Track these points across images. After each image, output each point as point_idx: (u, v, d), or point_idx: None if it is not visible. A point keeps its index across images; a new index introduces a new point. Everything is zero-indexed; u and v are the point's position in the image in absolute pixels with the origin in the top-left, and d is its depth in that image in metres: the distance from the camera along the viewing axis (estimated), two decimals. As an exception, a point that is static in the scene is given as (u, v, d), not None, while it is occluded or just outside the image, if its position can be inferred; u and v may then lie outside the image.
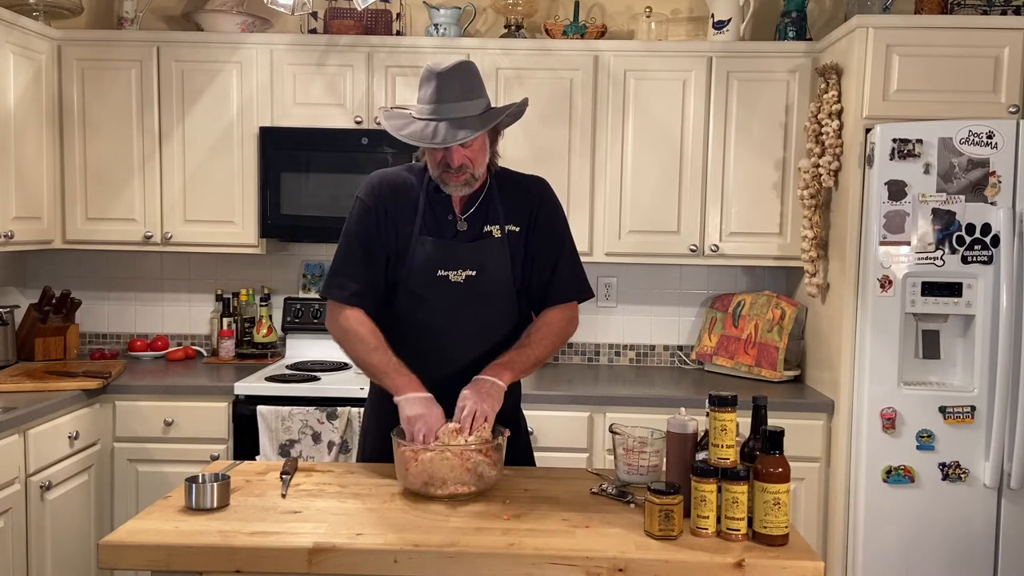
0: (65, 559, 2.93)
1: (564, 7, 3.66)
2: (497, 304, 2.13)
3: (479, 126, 1.98)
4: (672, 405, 2.18)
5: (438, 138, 1.95)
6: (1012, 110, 2.88)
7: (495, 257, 2.11)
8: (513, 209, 2.15)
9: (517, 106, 2.10)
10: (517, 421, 2.24)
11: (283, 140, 3.37)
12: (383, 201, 2.12)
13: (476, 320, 2.11)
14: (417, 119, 1.99)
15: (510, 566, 1.59)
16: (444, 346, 2.11)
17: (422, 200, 2.12)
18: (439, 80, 1.97)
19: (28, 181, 3.23)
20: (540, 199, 2.18)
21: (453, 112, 1.97)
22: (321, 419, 3.05)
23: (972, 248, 2.78)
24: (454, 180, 2.05)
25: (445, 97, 1.97)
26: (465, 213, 2.13)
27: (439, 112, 1.97)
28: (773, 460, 1.65)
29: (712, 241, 3.37)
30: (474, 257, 2.09)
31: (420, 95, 2.01)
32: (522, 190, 2.19)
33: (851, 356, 2.92)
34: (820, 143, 3.06)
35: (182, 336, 3.82)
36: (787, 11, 3.44)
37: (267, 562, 1.61)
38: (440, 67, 1.98)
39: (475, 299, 2.10)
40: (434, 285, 2.09)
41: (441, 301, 2.09)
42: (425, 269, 2.09)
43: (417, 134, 1.97)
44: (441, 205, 2.12)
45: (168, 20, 3.77)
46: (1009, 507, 2.80)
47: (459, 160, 2.01)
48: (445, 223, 2.12)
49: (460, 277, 2.09)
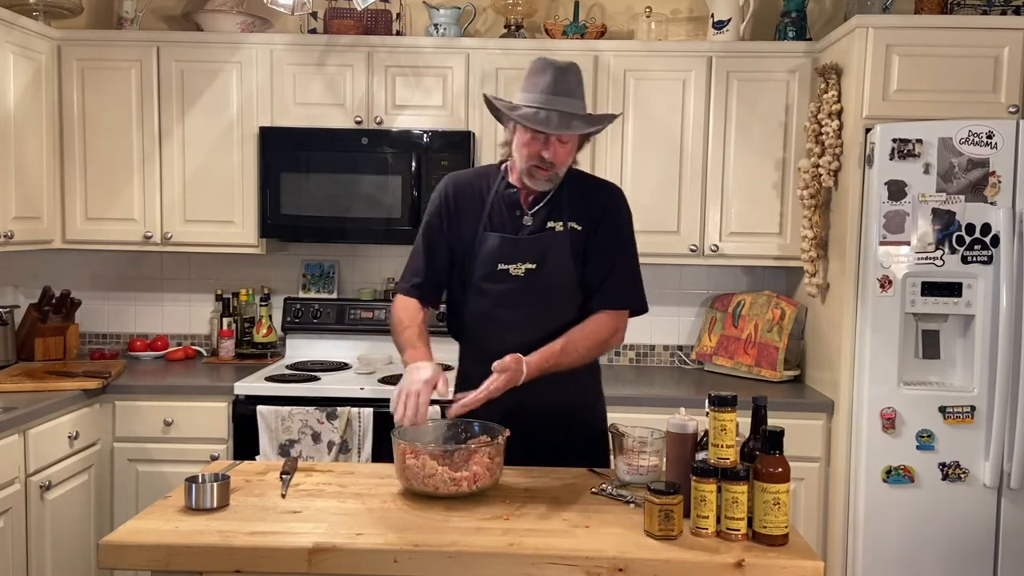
0: (65, 559, 2.93)
1: (564, 7, 3.66)
2: (557, 297, 2.16)
3: (587, 124, 2.06)
4: (672, 405, 2.18)
5: (551, 125, 2.01)
6: (1012, 110, 2.89)
7: (555, 250, 2.15)
8: (580, 209, 2.18)
9: (614, 116, 2.18)
10: (589, 421, 2.26)
11: (283, 140, 3.37)
12: (449, 201, 2.21)
13: (536, 312, 2.15)
14: (527, 106, 2.04)
15: (510, 566, 1.59)
16: (505, 337, 2.14)
17: (491, 197, 2.19)
18: (555, 73, 2.03)
19: (28, 181, 3.23)
20: (609, 203, 2.22)
21: (564, 106, 2.03)
22: (321, 419, 3.05)
23: (972, 248, 2.78)
24: (541, 174, 2.10)
25: (559, 90, 2.03)
26: (532, 209, 2.18)
27: (550, 103, 2.02)
28: (773, 460, 1.65)
29: (712, 241, 3.37)
30: (534, 250, 2.14)
31: (529, 83, 2.06)
32: (593, 192, 2.23)
33: (851, 356, 2.92)
34: (820, 143, 3.06)
35: (182, 336, 3.82)
36: (787, 11, 3.44)
37: (267, 562, 1.61)
38: (557, 61, 2.06)
39: (535, 291, 2.15)
40: (495, 279, 2.15)
41: (502, 294, 2.15)
42: (487, 264, 2.16)
43: (531, 117, 2.02)
44: (510, 202, 2.19)
45: (168, 20, 3.77)
46: (1009, 507, 2.80)
47: (556, 155, 2.07)
48: (511, 219, 2.18)
49: (520, 270, 2.14)
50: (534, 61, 2.10)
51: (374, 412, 3.05)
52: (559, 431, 2.17)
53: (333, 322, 3.67)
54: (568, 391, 2.18)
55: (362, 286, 3.79)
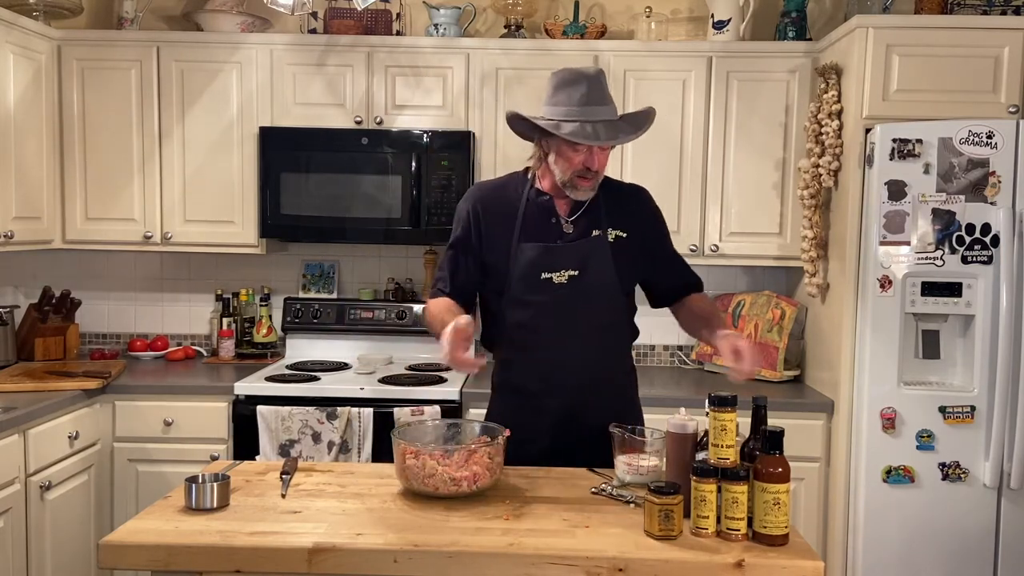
0: (65, 559, 2.93)
1: (564, 7, 3.66)
2: (600, 303, 2.17)
3: (631, 130, 2.07)
4: (672, 405, 2.18)
5: (601, 138, 2.01)
6: (1012, 110, 2.89)
7: (597, 256, 2.15)
8: (619, 215, 2.20)
9: (652, 114, 2.17)
10: (636, 416, 2.30)
11: (283, 140, 3.37)
12: (478, 215, 2.20)
13: (581, 318, 2.15)
14: (568, 120, 2.02)
15: (510, 566, 1.59)
16: (550, 345, 2.16)
17: (522, 207, 2.17)
18: (590, 84, 2.03)
19: (28, 181, 3.23)
20: (649, 207, 2.29)
21: (604, 114, 2.03)
22: (321, 419, 3.05)
23: (972, 248, 2.78)
24: (585, 184, 2.10)
25: (594, 99, 2.03)
26: (572, 216, 2.18)
27: (589, 114, 2.02)
28: (773, 460, 1.65)
29: (712, 241, 3.37)
30: (576, 257, 2.14)
31: (561, 96, 2.04)
32: (628, 198, 2.27)
33: (851, 356, 2.92)
34: (820, 143, 3.06)
35: (182, 336, 3.82)
36: (787, 11, 3.44)
37: (267, 562, 1.61)
38: (585, 71, 2.06)
39: (578, 298, 2.14)
40: (538, 289, 2.14)
41: (545, 303, 2.14)
42: (528, 275, 2.14)
43: (579, 133, 2.00)
44: (544, 209, 2.17)
45: (168, 20, 3.77)
46: (1009, 507, 2.80)
47: (600, 163, 2.08)
48: (548, 227, 2.16)
49: (563, 278, 2.13)
50: (558, 73, 2.08)
51: (374, 412, 3.05)
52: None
53: (333, 322, 3.67)
54: (615, 397, 2.23)
55: (362, 286, 3.79)
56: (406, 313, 3.65)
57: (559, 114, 2.03)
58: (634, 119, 2.12)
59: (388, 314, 3.66)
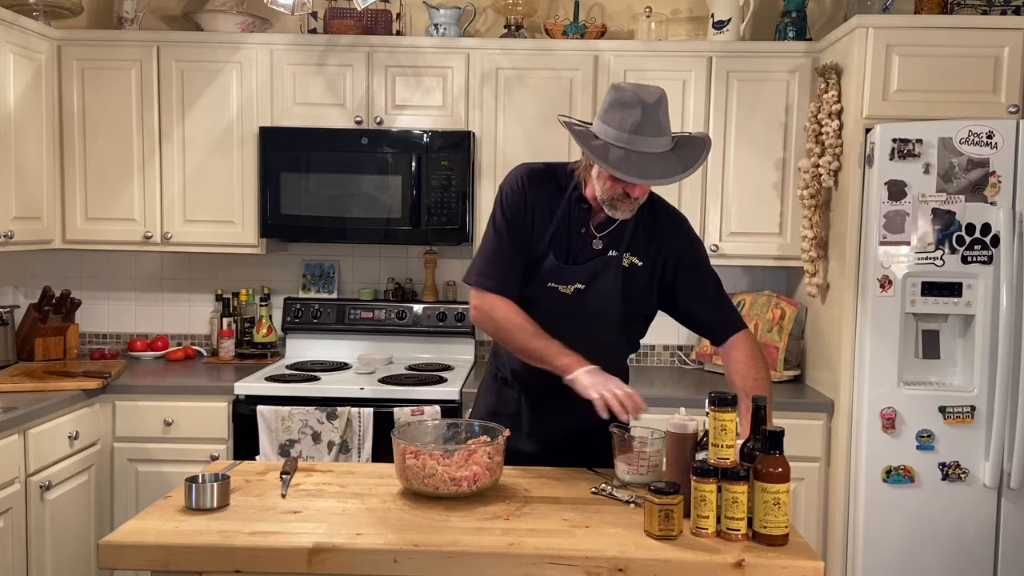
0: (65, 559, 2.93)
1: (564, 7, 3.66)
2: (602, 320, 2.14)
3: (680, 169, 1.93)
4: (672, 405, 2.18)
5: (647, 176, 1.91)
6: (1012, 110, 2.89)
7: (606, 276, 2.11)
8: (645, 241, 2.13)
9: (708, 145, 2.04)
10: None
11: (283, 140, 3.37)
12: (527, 193, 2.12)
13: (581, 332, 2.10)
14: (615, 145, 1.92)
15: (510, 566, 1.59)
16: None
17: (563, 204, 2.12)
18: (645, 113, 1.90)
19: (28, 181, 3.23)
20: (684, 239, 2.18)
21: (654, 147, 1.92)
22: (321, 419, 3.05)
23: (972, 248, 2.78)
24: (625, 207, 2.03)
25: (648, 130, 1.91)
26: (602, 232, 2.12)
27: (637, 144, 1.90)
28: (773, 460, 1.65)
29: (712, 241, 3.37)
30: (586, 273, 2.11)
31: (615, 118, 1.93)
32: (661, 223, 2.16)
33: (851, 356, 2.92)
34: (820, 143, 3.06)
35: (182, 336, 3.82)
36: (787, 11, 3.44)
37: (267, 562, 1.61)
38: (647, 97, 1.92)
39: (581, 311, 2.11)
40: (544, 295, 2.12)
41: (548, 308, 2.12)
42: (536, 280, 2.12)
43: (623, 165, 1.90)
44: (578, 219, 2.12)
45: (168, 20, 3.77)
46: (1009, 507, 2.80)
47: (642, 192, 2.01)
48: (576, 238, 2.12)
49: (568, 289, 2.11)
50: (617, 89, 1.95)
51: (374, 412, 3.05)
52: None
53: (333, 322, 3.67)
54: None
55: (362, 286, 3.79)
56: (406, 313, 3.65)
57: (608, 135, 1.93)
58: (687, 154, 1.97)
59: (388, 314, 3.66)
